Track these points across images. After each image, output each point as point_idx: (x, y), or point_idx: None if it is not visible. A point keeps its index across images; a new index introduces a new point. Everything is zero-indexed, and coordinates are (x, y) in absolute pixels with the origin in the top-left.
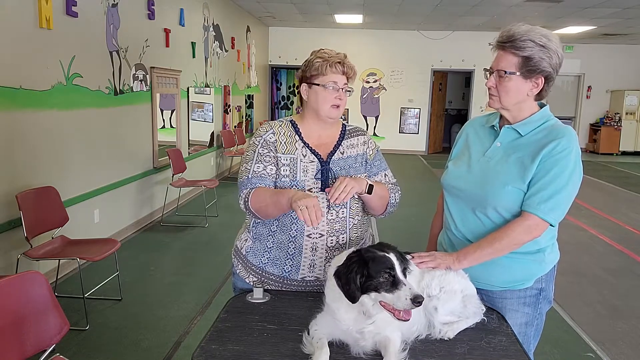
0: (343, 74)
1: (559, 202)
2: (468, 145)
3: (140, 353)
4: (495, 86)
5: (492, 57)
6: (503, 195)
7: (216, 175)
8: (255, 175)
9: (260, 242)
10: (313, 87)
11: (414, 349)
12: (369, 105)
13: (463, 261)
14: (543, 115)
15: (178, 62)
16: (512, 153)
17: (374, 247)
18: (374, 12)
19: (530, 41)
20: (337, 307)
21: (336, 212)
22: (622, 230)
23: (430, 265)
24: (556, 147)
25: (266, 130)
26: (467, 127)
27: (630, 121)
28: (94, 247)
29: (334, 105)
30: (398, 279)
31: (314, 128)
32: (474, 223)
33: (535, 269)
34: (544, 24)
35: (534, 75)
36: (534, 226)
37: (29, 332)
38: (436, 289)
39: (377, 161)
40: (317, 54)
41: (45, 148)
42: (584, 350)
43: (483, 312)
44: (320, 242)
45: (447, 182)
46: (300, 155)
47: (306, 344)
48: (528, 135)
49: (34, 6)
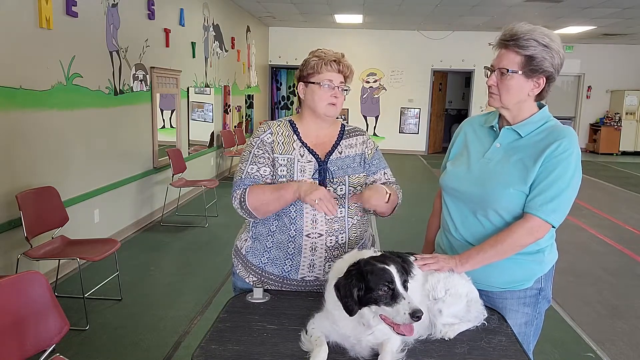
0: (339, 73)
1: (561, 203)
2: (467, 146)
3: (140, 353)
4: (496, 84)
5: (494, 56)
6: (504, 197)
7: (216, 175)
8: (248, 176)
9: (260, 242)
10: (309, 86)
11: (413, 349)
12: (369, 105)
13: (466, 264)
14: (543, 116)
15: (178, 62)
16: (512, 154)
17: (375, 259)
18: (374, 12)
19: (533, 40)
20: (337, 315)
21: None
22: (622, 230)
23: (433, 267)
24: (558, 148)
25: (264, 130)
26: (465, 125)
27: (630, 121)
28: (94, 247)
29: (330, 103)
30: (397, 293)
31: (312, 127)
32: (475, 225)
33: (535, 269)
34: (544, 24)
35: (535, 75)
36: (537, 228)
37: (29, 332)
38: (442, 292)
39: (375, 160)
40: (314, 53)
41: (45, 148)
42: (584, 350)
43: (484, 318)
44: (319, 241)
45: (446, 183)
46: (298, 155)
47: (304, 342)
48: (528, 137)
49: (34, 6)
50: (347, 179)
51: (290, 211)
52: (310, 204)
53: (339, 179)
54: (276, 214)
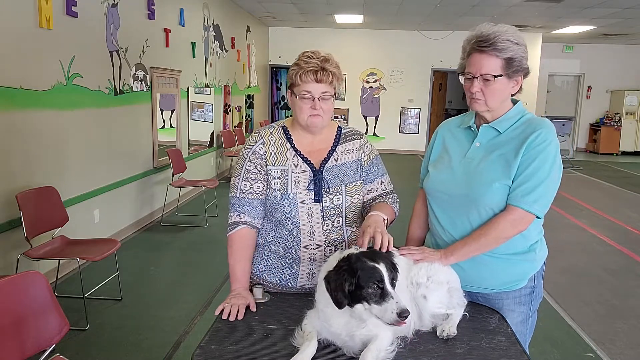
0: (318, 82)
1: (543, 193)
2: (446, 148)
3: (140, 353)
4: (481, 90)
5: (463, 60)
6: (490, 193)
7: (216, 175)
8: (242, 194)
9: (258, 251)
10: (292, 96)
11: (413, 349)
12: (369, 105)
13: (450, 257)
14: (518, 111)
15: (178, 62)
16: (493, 151)
17: (365, 256)
18: (374, 12)
19: (507, 41)
20: (329, 313)
21: (332, 222)
22: (622, 230)
23: (417, 257)
24: (537, 139)
25: (255, 140)
26: (440, 129)
27: (630, 121)
28: (94, 247)
29: (312, 115)
30: (386, 292)
31: (305, 134)
32: (463, 226)
33: (528, 267)
34: (544, 23)
35: (516, 75)
36: (519, 219)
37: (29, 332)
38: (423, 277)
39: (373, 167)
40: (298, 59)
41: (45, 148)
42: (584, 350)
43: (465, 305)
44: (318, 252)
45: (432, 187)
46: (292, 165)
47: (297, 337)
48: (507, 132)
49: (34, 6)
50: (344, 188)
51: (287, 223)
52: (223, 303)
53: (335, 189)
54: (274, 224)
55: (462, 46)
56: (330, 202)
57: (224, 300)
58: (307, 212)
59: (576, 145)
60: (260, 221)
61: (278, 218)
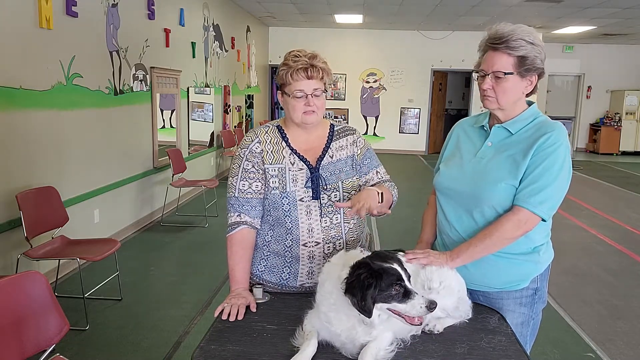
0: (309, 79)
1: (549, 195)
2: (459, 147)
3: (140, 353)
4: (492, 87)
5: (480, 58)
6: (496, 192)
7: (216, 175)
8: (241, 193)
9: (257, 251)
10: (284, 96)
11: (413, 349)
12: (369, 105)
13: (456, 259)
14: (532, 113)
15: (178, 62)
16: (503, 151)
17: (376, 260)
18: (374, 12)
19: (521, 40)
20: (333, 317)
21: (330, 218)
22: (622, 230)
23: (423, 262)
24: (547, 141)
25: (251, 139)
26: (456, 128)
27: (630, 121)
28: (94, 247)
29: (306, 112)
30: (409, 290)
31: (299, 132)
32: (469, 224)
33: (530, 269)
34: (544, 23)
35: (529, 74)
36: (524, 220)
37: (29, 332)
38: (437, 282)
39: (367, 159)
40: (286, 59)
41: (45, 148)
42: (584, 350)
43: (468, 318)
44: (317, 250)
45: (440, 183)
46: (289, 163)
47: (297, 337)
48: (518, 133)
49: (34, 6)
50: (341, 184)
51: (286, 222)
52: (223, 303)
53: (332, 185)
54: (271, 224)
55: (478, 44)
56: (328, 199)
57: (224, 301)
58: (306, 210)
59: (576, 145)
60: (259, 221)
61: (277, 217)
